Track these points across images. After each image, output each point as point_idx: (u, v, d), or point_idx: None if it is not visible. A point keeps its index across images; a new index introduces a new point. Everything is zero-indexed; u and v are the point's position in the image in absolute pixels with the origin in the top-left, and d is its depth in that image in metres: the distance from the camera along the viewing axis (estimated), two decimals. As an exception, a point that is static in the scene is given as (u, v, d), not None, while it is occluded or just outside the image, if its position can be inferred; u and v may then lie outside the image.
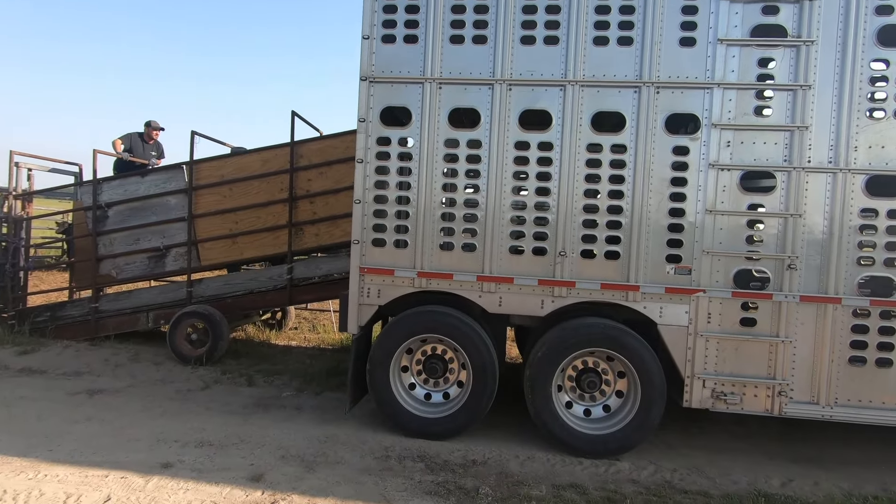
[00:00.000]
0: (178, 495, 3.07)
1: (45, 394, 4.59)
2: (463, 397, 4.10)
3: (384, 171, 4.07)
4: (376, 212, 4.09)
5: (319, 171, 5.84)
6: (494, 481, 3.46)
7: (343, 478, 3.39)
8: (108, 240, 6.20)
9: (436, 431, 4.04)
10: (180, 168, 6.09)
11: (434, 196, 4.00)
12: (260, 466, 3.46)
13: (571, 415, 4.03)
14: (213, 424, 4.11)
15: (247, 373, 5.45)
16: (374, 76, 4.01)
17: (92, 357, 5.64)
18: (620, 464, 3.80)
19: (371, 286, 4.11)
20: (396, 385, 4.15)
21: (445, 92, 3.98)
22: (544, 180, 3.94)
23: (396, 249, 4.09)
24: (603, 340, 3.88)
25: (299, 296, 6.03)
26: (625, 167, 3.86)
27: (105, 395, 4.66)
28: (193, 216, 5.99)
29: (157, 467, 3.37)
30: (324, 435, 4.01)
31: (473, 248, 4.01)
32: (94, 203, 6.13)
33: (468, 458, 3.78)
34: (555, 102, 3.89)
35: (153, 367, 5.53)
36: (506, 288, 3.98)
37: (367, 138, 4.04)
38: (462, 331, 4.03)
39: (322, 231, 5.87)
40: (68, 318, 6.35)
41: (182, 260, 6.09)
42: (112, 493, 3.05)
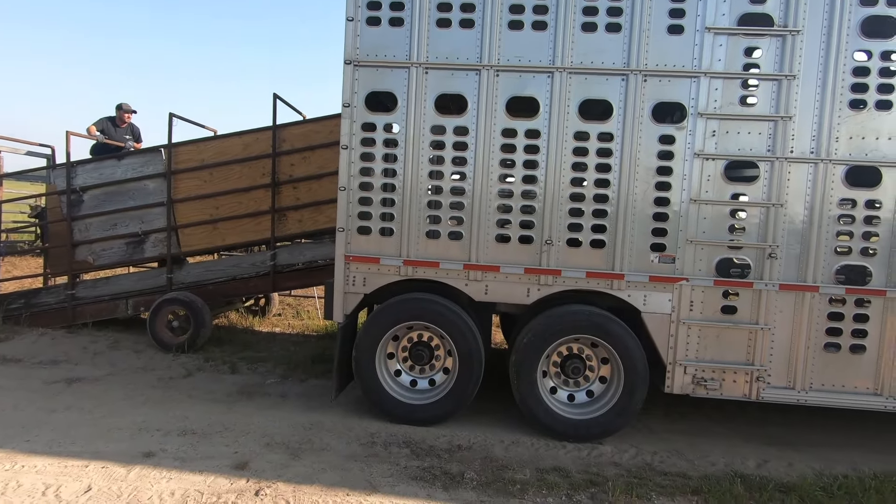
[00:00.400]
0: (161, 484, 3.04)
1: (21, 383, 4.48)
2: (449, 384, 4.12)
3: (369, 158, 4.01)
4: (361, 199, 4.03)
5: (303, 156, 5.73)
6: (479, 466, 3.50)
7: (329, 464, 3.39)
8: (83, 225, 6.03)
9: (421, 417, 4.07)
10: (158, 151, 5.92)
11: (420, 183, 3.96)
12: (244, 454, 3.45)
13: (556, 400, 4.08)
14: (196, 412, 4.06)
15: (230, 360, 5.39)
16: (358, 60, 3.92)
17: (69, 345, 5.51)
18: (603, 447, 3.88)
19: (356, 274, 4.08)
20: (382, 372, 4.15)
21: (432, 77, 3.92)
22: (531, 168, 3.92)
23: (382, 237, 4.05)
24: (588, 328, 3.93)
25: (283, 282, 5.97)
26: (611, 156, 3.86)
27: (84, 383, 4.57)
28: (173, 201, 5.85)
29: (139, 456, 3.33)
30: (309, 422, 4.00)
31: (460, 236, 4.00)
32: (69, 187, 5.93)
33: (453, 443, 3.81)
34: (542, 89, 3.86)
35: (134, 354, 5.43)
36: (492, 276, 3.99)
37: (352, 124, 3.97)
38: (448, 318, 4.03)
39: (305, 217, 5.78)
40: (44, 306, 6.19)
41: (161, 246, 5.95)
42: (93, 483, 3.01)
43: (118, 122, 7.49)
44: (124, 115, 7.52)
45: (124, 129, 7.54)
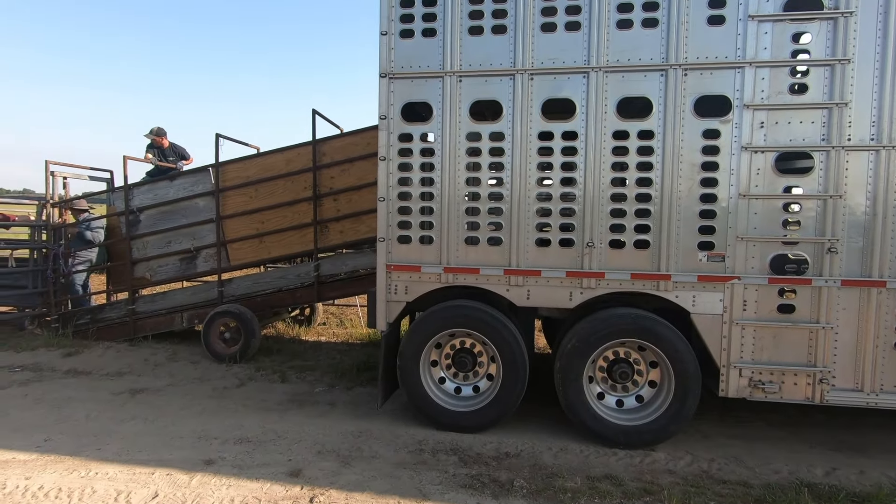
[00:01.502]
0: (221, 491, 3.17)
1: (91, 394, 4.78)
2: (493, 390, 4.11)
3: (407, 168, 4.07)
4: (401, 209, 4.09)
5: (342, 169, 5.87)
6: (528, 473, 3.46)
7: (379, 472, 3.44)
8: (141, 243, 6.39)
9: (467, 425, 4.07)
10: (207, 171, 6.21)
11: (458, 191, 3.99)
12: (298, 462, 3.55)
13: (604, 406, 4.00)
14: (250, 421, 4.22)
15: (280, 369, 5.57)
16: (393, 72, 3.99)
17: (132, 357, 5.84)
18: (656, 454, 3.76)
19: (398, 283, 4.13)
20: (427, 379, 4.18)
21: (466, 85, 3.94)
22: (569, 170, 3.87)
23: (422, 245, 4.09)
24: (634, 331, 3.83)
25: (327, 292, 6.12)
26: (653, 153, 3.76)
27: (147, 394, 4.83)
28: (221, 217, 6.11)
29: (200, 464, 3.49)
30: (357, 430, 4.08)
31: (499, 241, 3.99)
32: (127, 208, 6.31)
33: (501, 450, 3.79)
34: (578, 90, 3.81)
35: (190, 365, 5.70)
36: (533, 281, 3.95)
37: (389, 135, 4.04)
38: (490, 324, 4.02)
39: (346, 228, 5.92)
40: (108, 320, 6.59)
41: (212, 260, 6.23)
42: (159, 489, 3.17)
43: (160, 147, 7.89)
44: (159, 140, 7.81)
45: (168, 150, 7.94)
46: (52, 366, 5.50)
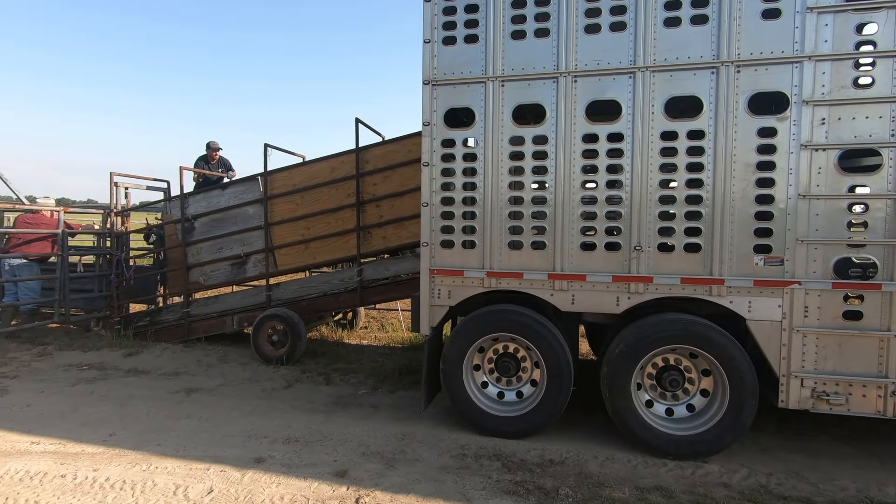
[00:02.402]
0: (272, 489, 3.27)
1: (150, 392, 5.04)
2: (537, 396, 4.06)
3: (450, 173, 4.10)
4: (444, 213, 4.12)
5: (384, 175, 5.98)
6: (574, 482, 3.39)
7: (422, 475, 3.46)
8: (195, 249, 6.71)
9: (510, 430, 4.03)
10: (256, 179, 6.46)
11: (501, 195, 3.98)
12: (343, 463, 3.62)
13: (652, 414, 3.87)
14: (297, 422, 4.33)
15: (324, 372, 5.70)
16: (436, 79, 4.04)
17: (187, 358, 6.12)
18: (709, 466, 3.61)
19: (441, 287, 4.16)
20: (470, 384, 4.18)
21: (508, 89, 3.94)
22: (615, 173, 3.80)
23: (465, 250, 4.11)
24: (686, 337, 3.70)
25: (370, 297, 6.22)
26: (703, 154, 3.64)
27: (200, 393, 5.05)
28: (269, 224, 6.34)
29: (251, 462, 3.61)
30: (401, 433, 4.11)
31: (543, 245, 3.95)
32: (182, 216, 6.64)
33: (545, 457, 3.74)
34: (624, 91, 3.74)
35: (240, 367, 5.92)
36: (578, 285, 3.89)
37: (432, 141, 4.09)
38: (534, 329, 3.98)
39: (389, 233, 6.01)
40: (164, 323, 6.94)
41: (261, 266, 6.46)
42: (214, 485, 3.31)
43: (210, 160, 8.39)
44: (213, 154, 8.39)
45: (216, 164, 8.42)
46: (115, 365, 5.84)
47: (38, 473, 3.39)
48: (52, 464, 3.52)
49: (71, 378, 5.36)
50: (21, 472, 3.41)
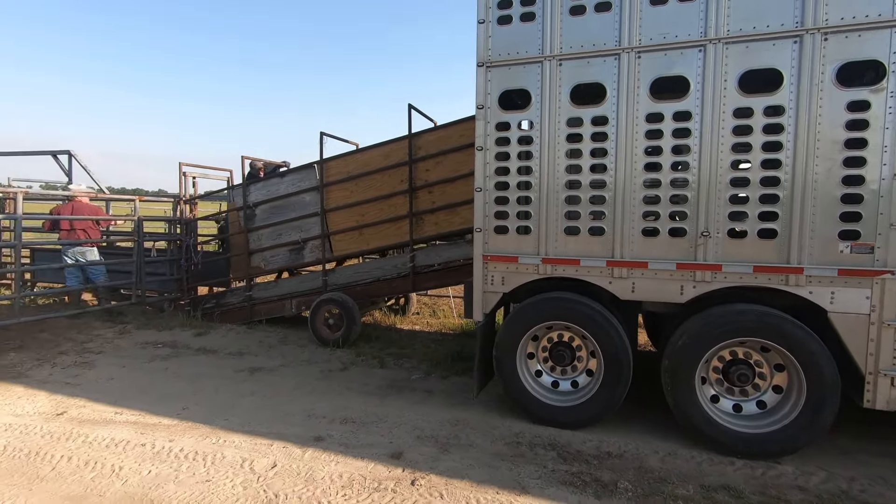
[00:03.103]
0: (331, 467, 3.38)
1: (217, 371, 5.33)
2: (594, 387, 3.95)
3: (504, 157, 4.01)
4: (498, 199, 4.05)
5: (436, 161, 5.96)
6: (633, 476, 3.28)
7: (476, 461, 3.46)
8: (256, 235, 7.00)
9: (566, 420, 3.95)
10: (312, 167, 6.62)
11: (557, 179, 3.86)
12: (399, 445, 3.68)
13: (718, 410, 3.67)
14: (354, 403, 4.45)
15: (378, 356, 5.82)
16: (490, 61, 3.94)
17: (250, 339, 6.43)
18: (782, 467, 3.39)
19: (495, 273, 4.11)
20: (523, 372, 4.13)
21: (566, 69, 3.79)
22: (681, 154, 3.58)
23: (519, 236, 4.03)
24: (757, 329, 3.46)
25: (422, 283, 6.26)
26: (782, 132, 3.35)
27: (263, 373, 5.29)
28: (325, 211, 6.50)
29: (311, 440, 3.75)
30: (454, 418, 4.13)
31: (602, 231, 3.80)
32: (245, 203, 6.93)
33: (602, 449, 3.64)
34: (692, 66, 3.50)
35: (299, 348, 6.15)
36: (639, 273, 3.72)
37: (486, 125, 4.01)
38: (590, 318, 3.86)
39: (441, 219, 6.00)
40: (229, 305, 7.32)
41: (317, 251, 6.65)
42: (277, 460, 3.46)
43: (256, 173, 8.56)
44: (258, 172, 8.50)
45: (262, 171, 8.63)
46: (186, 344, 6.22)
47: (122, 441, 3.68)
48: (133, 433, 3.81)
49: (147, 355, 5.76)
50: (107, 439, 3.71)
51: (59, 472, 3.25)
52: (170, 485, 3.13)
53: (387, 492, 3.08)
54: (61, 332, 6.33)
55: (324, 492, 3.08)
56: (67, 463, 3.37)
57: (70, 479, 3.18)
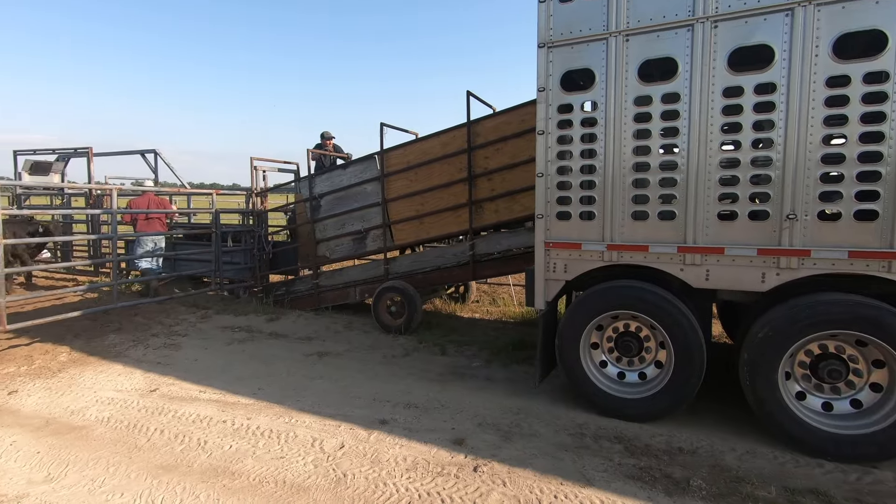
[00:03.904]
0: (395, 450, 3.47)
1: (289, 354, 5.62)
2: (663, 379, 3.77)
3: (567, 141, 3.88)
4: (560, 184, 3.93)
5: (496, 148, 5.88)
6: (707, 474, 3.11)
7: (539, 451, 3.42)
8: (322, 226, 7.26)
9: (633, 413, 3.82)
10: (373, 158, 6.75)
11: (624, 162, 3.68)
12: (461, 431, 3.71)
13: (805, 407, 3.40)
14: (416, 388, 4.54)
15: (439, 342, 5.89)
16: (552, 41, 3.80)
17: (317, 325, 6.72)
18: (880, 473, 3.08)
19: (557, 261, 4.01)
20: (587, 362, 4.02)
21: (633, 44, 3.58)
22: (763, 130, 3.30)
23: (583, 222, 3.90)
24: (852, 322, 3.15)
25: (481, 271, 6.24)
26: (885, 101, 3.00)
27: (330, 357, 5.51)
28: (386, 200, 6.62)
29: (376, 423, 3.86)
30: (516, 407, 4.11)
31: (672, 215, 3.59)
32: (311, 195, 7.21)
33: (673, 444, 3.48)
34: (777, 33, 3.19)
35: (363, 334, 6.35)
36: (714, 259, 3.49)
37: (548, 108, 3.89)
38: (659, 307, 3.68)
39: (501, 207, 5.93)
40: (298, 292, 7.68)
41: (379, 240, 6.80)
42: (345, 441, 3.60)
43: (323, 147, 9.00)
44: (326, 143, 8.99)
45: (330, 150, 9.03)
46: (259, 328, 6.61)
47: (206, 418, 3.98)
48: (215, 410, 4.11)
49: (226, 338, 6.18)
50: (193, 415, 4.03)
51: (153, 443, 3.58)
52: (248, 459, 3.35)
53: (450, 477, 3.12)
54: (152, 316, 6.91)
55: (389, 473, 3.17)
56: (160, 435, 3.69)
57: (163, 450, 3.48)
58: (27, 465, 3.29)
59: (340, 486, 3.04)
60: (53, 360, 5.30)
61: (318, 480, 3.10)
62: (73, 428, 3.80)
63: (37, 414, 4.04)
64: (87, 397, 4.37)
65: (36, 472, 3.21)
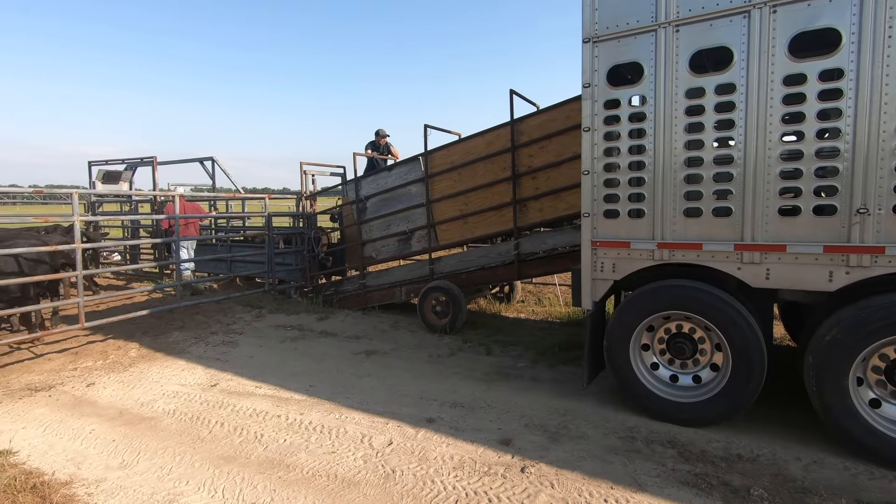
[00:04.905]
0: (442, 448, 3.50)
1: (338, 352, 5.79)
2: (719, 383, 3.61)
3: (614, 137, 3.79)
4: (607, 181, 3.85)
5: (540, 146, 5.81)
6: (770, 483, 2.96)
7: (587, 453, 3.36)
8: (368, 227, 7.43)
9: (687, 418, 3.68)
10: (417, 159, 6.83)
11: (675, 157, 3.55)
12: (507, 431, 3.70)
13: (879, 416, 3.16)
14: (462, 388, 4.56)
15: (485, 342, 5.89)
16: (597, 35, 3.73)
17: (365, 324, 6.88)
18: (969, 489, 2.82)
19: (605, 260, 3.92)
20: (637, 364, 3.91)
21: (684, 35, 3.45)
22: (829, 119, 3.10)
23: (632, 220, 3.79)
24: (934, 324, 2.90)
25: (526, 270, 6.19)
26: (972, 82, 2.74)
27: (378, 355, 5.63)
28: (430, 201, 6.68)
29: (423, 421, 3.92)
30: (563, 408, 4.05)
31: (728, 211, 3.44)
32: (357, 197, 7.38)
33: (731, 451, 3.33)
34: (845, 13, 2.99)
35: (409, 333, 6.44)
36: (776, 257, 3.31)
37: (594, 104, 3.81)
38: (715, 307, 3.53)
39: (545, 206, 5.86)
40: (346, 292, 7.88)
41: (424, 241, 6.88)
42: (393, 438, 3.67)
43: (377, 145, 9.16)
44: (380, 140, 9.16)
45: (381, 149, 9.20)
46: (310, 327, 6.83)
47: (262, 412, 4.16)
48: (270, 405, 4.29)
49: (279, 336, 6.43)
50: (249, 409, 4.23)
51: (214, 435, 3.78)
52: (301, 453, 3.48)
53: (497, 476, 3.12)
54: (212, 315, 7.30)
55: (436, 471, 3.20)
56: (220, 428, 3.90)
57: (223, 442, 3.67)
58: (104, 451, 3.56)
59: (389, 481, 3.11)
60: (125, 355, 5.69)
61: (368, 476, 3.18)
62: (143, 419, 4.07)
63: (111, 405, 4.36)
64: (154, 391, 4.67)
65: (112, 459, 3.46)
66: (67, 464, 3.38)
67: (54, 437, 3.77)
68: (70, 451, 3.57)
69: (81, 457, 3.49)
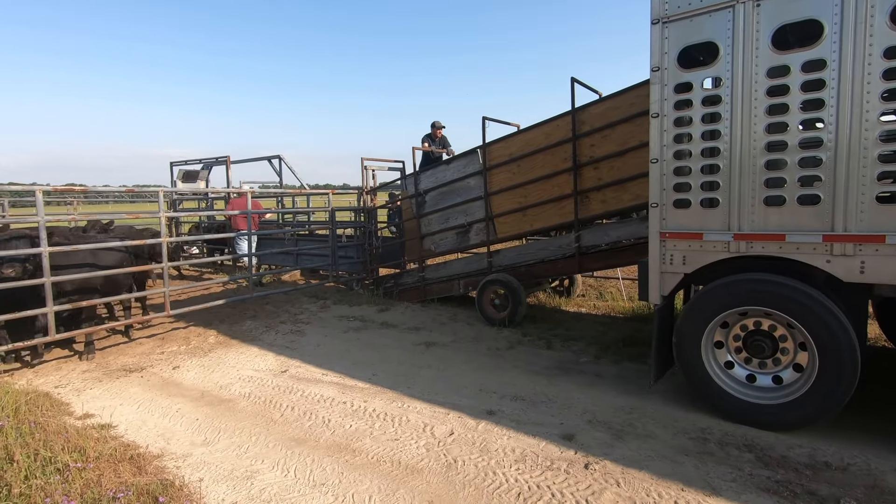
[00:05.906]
0: (503, 440, 3.50)
1: (398, 343, 5.92)
2: (804, 385, 3.35)
3: (685, 123, 3.59)
4: (677, 169, 3.66)
5: (602, 135, 5.62)
6: (863, 495, 2.72)
7: (656, 453, 3.24)
8: (427, 221, 7.51)
9: (765, 420, 3.45)
10: (475, 152, 6.81)
11: (754, 141, 3.31)
12: (569, 427, 3.64)
13: None
14: (522, 381, 4.53)
15: (545, 336, 5.80)
16: (668, 15, 3.54)
17: (424, 316, 6.98)
18: None
19: (674, 252, 3.74)
20: (710, 362, 3.70)
21: (766, 8, 3.20)
22: (940, 94, 2.76)
23: (704, 209, 3.59)
24: None
25: (588, 263, 6.03)
26: None
27: (437, 347, 5.70)
28: (488, 194, 6.65)
29: (484, 413, 3.93)
30: (629, 405, 3.92)
31: (816, 199, 3.17)
32: (416, 191, 7.48)
33: (816, 458, 3.09)
34: (961, -25, 2.65)
35: (468, 326, 6.47)
36: (872, 249, 3.02)
37: (663, 88, 3.62)
38: (799, 303, 3.27)
39: (609, 197, 5.67)
40: (406, 285, 8.03)
41: (482, 234, 6.86)
42: (454, 429, 3.71)
43: (434, 137, 9.18)
44: (436, 132, 9.17)
45: (438, 142, 9.19)
46: (371, 318, 7.03)
47: (328, 398, 4.34)
48: (336, 392, 4.47)
49: (343, 326, 6.67)
50: (317, 395, 4.42)
51: (285, 418, 3.99)
52: (366, 439, 3.60)
53: (559, 472, 3.08)
54: (281, 306, 7.69)
55: (498, 463, 3.21)
56: (291, 412, 4.11)
57: (294, 425, 3.87)
58: (189, 429, 3.86)
59: (451, 470, 3.15)
60: (204, 341, 6.13)
61: (430, 464, 3.24)
62: (222, 400, 4.37)
63: (194, 387, 4.71)
64: (231, 375, 4.99)
65: (196, 436, 3.75)
66: (158, 439, 3.69)
67: (146, 414, 4.13)
68: (160, 427, 3.89)
69: (170, 433, 3.80)
